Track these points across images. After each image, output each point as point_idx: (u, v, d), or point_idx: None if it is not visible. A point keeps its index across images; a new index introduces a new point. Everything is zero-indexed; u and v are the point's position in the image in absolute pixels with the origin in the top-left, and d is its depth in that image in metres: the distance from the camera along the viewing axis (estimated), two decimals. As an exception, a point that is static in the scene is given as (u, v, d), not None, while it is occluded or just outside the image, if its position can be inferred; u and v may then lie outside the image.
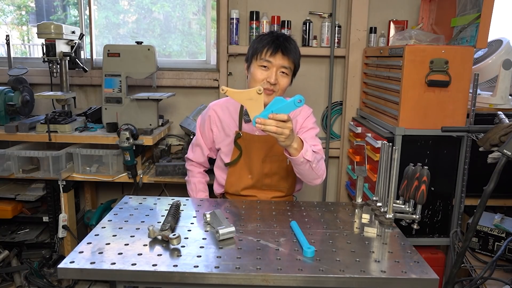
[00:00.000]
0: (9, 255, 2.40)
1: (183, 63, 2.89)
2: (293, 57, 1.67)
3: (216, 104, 1.88)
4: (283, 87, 1.69)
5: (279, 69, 1.66)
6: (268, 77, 1.64)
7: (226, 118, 1.82)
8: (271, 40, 1.65)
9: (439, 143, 2.00)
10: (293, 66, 1.69)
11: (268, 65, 1.65)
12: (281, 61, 1.65)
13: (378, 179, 1.49)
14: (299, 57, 1.73)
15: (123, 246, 1.22)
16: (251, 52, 1.71)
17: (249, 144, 1.76)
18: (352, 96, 2.68)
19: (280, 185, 1.81)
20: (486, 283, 1.67)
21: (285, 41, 1.66)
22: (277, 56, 1.64)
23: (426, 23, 2.54)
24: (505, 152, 1.33)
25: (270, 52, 1.63)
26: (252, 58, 1.70)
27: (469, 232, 1.43)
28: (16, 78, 2.48)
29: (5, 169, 2.31)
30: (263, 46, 1.65)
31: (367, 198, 2.09)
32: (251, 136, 1.77)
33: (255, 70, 1.68)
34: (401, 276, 1.09)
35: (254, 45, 1.70)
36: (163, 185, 2.80)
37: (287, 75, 1.69)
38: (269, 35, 1.70)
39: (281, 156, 1.76)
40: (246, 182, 1.79)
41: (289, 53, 1.65)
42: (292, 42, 1.70)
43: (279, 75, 1.66)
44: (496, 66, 2.17)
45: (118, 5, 2.95)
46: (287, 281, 1.08)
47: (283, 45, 1.64)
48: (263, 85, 1.65)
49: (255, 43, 1.70)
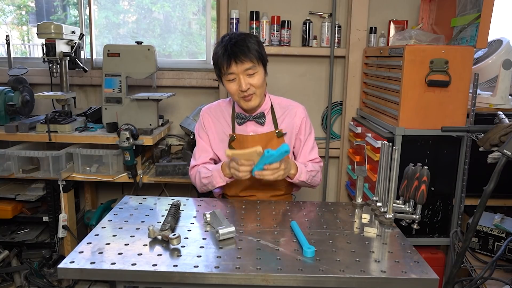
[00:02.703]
0: (9, 255, 2.40)
1: (183, 63, 2.89)
2: (249, 57, 1.62)
3: (208, 108, 1.86)
4: (258, 84, 1.67)
5: (244, 74, 1.64)
6: (239, 86, 1.65)
7: (218, 121, 1.82)
8: (222, 53, 1.63)
9: (439, 143, 2.00)
10: (256, 62, 1.64)
11: (234, 76, 1.65)
12: (240, 67, 1.62)
13: (378, 179, 1.49)
14: (257, 47, 1.65)
15: (123, 246, 1.22)
16: (216, 69, 1.71)
17: (244, 145, 1.75)
18: (352, 96, 2.68)
19: (278, 184, 1.80)
20: (486, 283, 1.67)
21: (234, 47, 1.61)
22: (233, 66, 1.62)
23: (426, 23, 2.54)
24: (505, 152, 1.33)
25: (226, 65, 1.62)
26: (220, 75, 1.70)
27: (469, 232, 1.43)
28: (16, 78, 2.48)
29: (5, 169, 2.31)
30: (219, 61, 1.64)
31: (367, 198, 2.09)
32: (244, 137, 1.76)
33: (227, 85, 1.69)
34: (401, 276, 1.09)
35: (214, 60, 1.69)
36: (163, 185, 2.80)
37: (256, 72, 1.66)
38: (220, 43, 1.66)
39: None
40: (244, 184, 1.78)
41: (243, 57, 1.61)
42: (242, 42, 1.63)
43: (247, 78, 1.65)
44: (496, 66, 2.17)
45: (118, 5, 2.95)
46: (287, 281, 1.08)
47: (233, 53, 1.60)
48: (239, 94, 1.68)
49: (213, 57, 1.69)
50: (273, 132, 1.78)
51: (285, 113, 1.82)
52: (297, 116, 1.81)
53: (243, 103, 1.70)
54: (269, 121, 1.80)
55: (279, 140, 1.77)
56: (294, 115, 1.81)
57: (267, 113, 1.80)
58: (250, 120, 1.78)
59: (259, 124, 1.78)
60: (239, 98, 1.69)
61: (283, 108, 1.83)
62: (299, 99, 2.88)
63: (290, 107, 1.84)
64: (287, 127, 1.81)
